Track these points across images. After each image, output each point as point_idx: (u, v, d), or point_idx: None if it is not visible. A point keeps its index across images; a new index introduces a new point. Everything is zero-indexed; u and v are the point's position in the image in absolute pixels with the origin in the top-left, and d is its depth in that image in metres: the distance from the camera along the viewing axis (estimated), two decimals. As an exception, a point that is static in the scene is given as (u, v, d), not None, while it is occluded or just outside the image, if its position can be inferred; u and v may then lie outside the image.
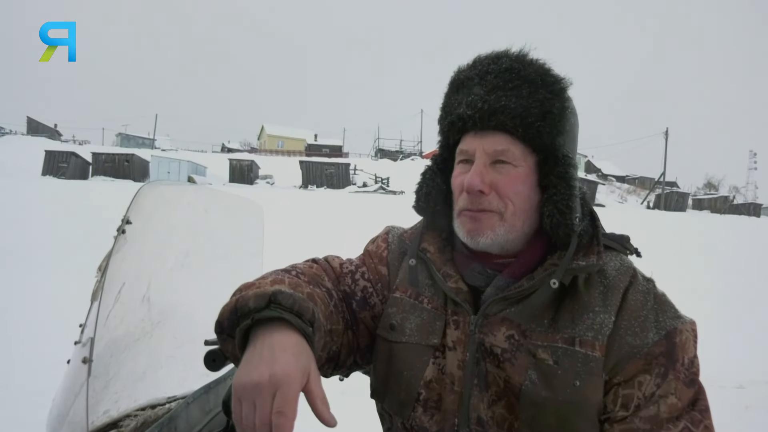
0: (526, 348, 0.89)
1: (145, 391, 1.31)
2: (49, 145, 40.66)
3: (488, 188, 0.91)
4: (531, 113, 0.89)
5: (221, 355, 0.83)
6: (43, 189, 15.93)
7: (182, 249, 1.21)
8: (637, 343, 0.85)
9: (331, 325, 0.94)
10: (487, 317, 0.93)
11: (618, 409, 0.84)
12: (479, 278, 0.97)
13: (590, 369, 0.85)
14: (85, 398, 0.83)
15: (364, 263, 1.10)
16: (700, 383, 0.86)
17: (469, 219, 0.94)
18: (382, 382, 1.02)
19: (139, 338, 1.22)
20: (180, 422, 1.10)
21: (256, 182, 36.51)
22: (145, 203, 0.97)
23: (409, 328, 1.00)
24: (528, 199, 0.93)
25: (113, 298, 1.03)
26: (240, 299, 0.79)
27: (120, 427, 1.17)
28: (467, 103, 0.92)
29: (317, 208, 16.18)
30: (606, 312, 0.88)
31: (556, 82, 0.93)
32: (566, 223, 0.90)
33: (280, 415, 0.65)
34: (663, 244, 12.88)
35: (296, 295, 0.80)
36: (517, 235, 0.94)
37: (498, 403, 0.91)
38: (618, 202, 41.21)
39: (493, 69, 0.93)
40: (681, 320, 0.88)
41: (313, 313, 0.80)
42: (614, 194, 45.04)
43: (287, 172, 39.91)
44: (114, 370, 1.19)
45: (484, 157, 0.92)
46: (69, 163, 34.07)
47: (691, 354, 0.86)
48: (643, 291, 0.90)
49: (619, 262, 0.94)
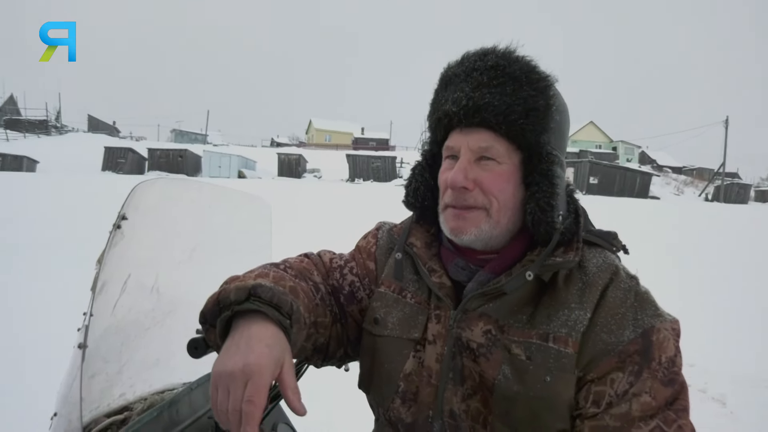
0: (502, 343, 0.90)
1: (160, 376, 1.38)
2: (108, 142, 42.62)
3: (472, 184, 0.92)
4: (514, 110, 0.89)
5: (203, 344, 0.88)
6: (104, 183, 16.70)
7: (188, 242, 1.27)
8: (612, 340, 0.85)
9: (315, 318, 0.97)
10: (466, 312, 0.95)
11: (589, 406, 0.84)
12: (462, 273, 0.98)
13: (562, 365, 0.85)
14: (79, 381, 0.89)
15: (353, 258, 1.14)
16: (682, 383, 0.84)
17: (452, 216, 0.95)
18: (367, 374, 1.05)
19: (150, 327, 1.28)
20: (182, 406, 1.16)
21: (303, 176, 37.09)
22: (141, 199, 1.03)
23: (391, 322, 1.02)
24: (512, 196, 0.94)
25: (119, 288, 1.09)
26: (222, 292, 0.84)
27: (132, 410, 1.24)
28: (453, 99, 0.93)
29: (361, 200, 16.31)
30: (582, 309, 0.87)
31: (541, 80, 0.93)
32: (547, 221, 0.90)
33: (249, 403, 0.69)
34: (721, 239, 12.36)
35: (276, 288, 0.84)
36: (501, 231, 0.95)
37: (473, 397, 0.92)
38: (674, 195, 39.65)
39: (479, 66, 0.93)
40: (660, 319, 0.86)
41: (291, 306, 0.83)
42: (670, 186, 43.33)
43: (334, 165, 40.39)
44: (127, 356, 1.26)
45: (468, 154, 0.93)
46: (126, 159, 35.60)
47: (670, 353, 0.84)
48: (624, 288, 0.89)
49: (602, 258, 0.93)
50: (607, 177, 33.76)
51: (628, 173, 35.15)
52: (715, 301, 7.09)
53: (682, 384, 0.84)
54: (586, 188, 32.96)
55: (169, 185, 1.16)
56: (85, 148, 40.30)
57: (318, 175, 37.74)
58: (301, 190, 20.95)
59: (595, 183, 33.30)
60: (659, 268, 9.22)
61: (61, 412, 0.99)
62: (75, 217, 10.70)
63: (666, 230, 13.80)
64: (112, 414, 1.21)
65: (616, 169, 35.51)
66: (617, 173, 34.60)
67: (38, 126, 54.30)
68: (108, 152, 36.18)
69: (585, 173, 33.81)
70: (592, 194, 31.16)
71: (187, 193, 1.26)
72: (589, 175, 33.59)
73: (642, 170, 38.32)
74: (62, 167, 32.62)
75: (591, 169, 33.89)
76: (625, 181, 34.01)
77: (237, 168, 36.19)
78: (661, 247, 11.31)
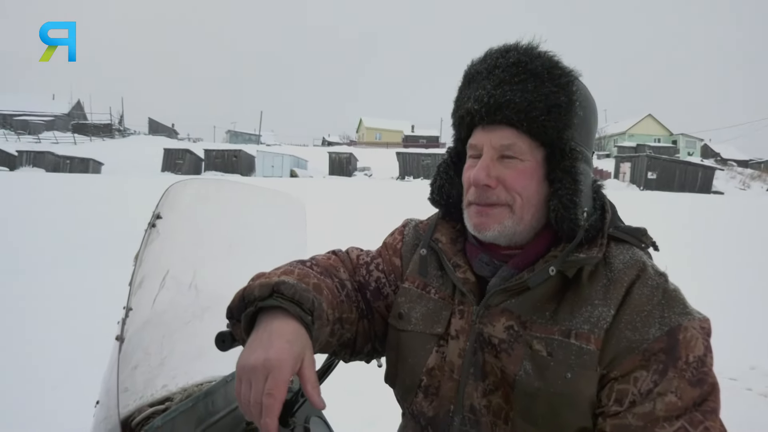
0: (524, 339, 0.90)
1: (201, 369, 1.44)
2: (167, 144, 44.30)
3: (495, 182, 0.92)
4: (536, 107, 0.89)
5: (230, 337, 0.92)
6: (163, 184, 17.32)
7: (224, 241, 1.32)
8: (636, 338, 0.83)
9: (340, 314, 0.99)
10: (488, 308, 0.95)
11: (612, 404, 0.82)
12: (486, 268, 0.98)
13: (583, 362, 0.84)
14: (116, 371, 0.94)
15: (380, 255, 1.16)
16: (713, 383, 0.81)
17: (476, 213, 0.96)
18: (392, 368, 1.07)
19: (191, 321, 1.34)
20: (218, 398, 1.20)
21: (354, 174, 37.40)
22: (176, 199, 1.08)
23: (414, 317, 1.03)
24: (536, 192, 0.93)
25: (158, 284, 1.15)
26: (247, 288, 0.88)
27: (173, 401, 1.31)
28: (475, 97, 0.93)
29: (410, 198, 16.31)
30: (605, 305, 0.86)
31: (563, 75, 0.92)
32: (570, 218, 0.89)
33: (269, 396, 0.73)
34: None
35: (299, 285, 0.87)
36: (525, 227, 0.95)
37: (495, 393, 0.92)
38: (739, 189, 37.69)
39: (501, 63, 0.93)
40: (688, 317, 0.84)
41: (313, 303, 0.86)
42: (735, 180, 41.21)
43: (385, 163, 40.53)
44: (168, 349, 1.32)
45: (491, 152, 0.93)
46: (184, 160, 36.97)
47: (699, 352, 0.81)
48: (652, 286, 0.87)
49: (629, 255, 0.91)
50: (666, 172, 32.59)
51: (689, 167, 33.88)
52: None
53: (712, 385, 0.81)
54: (644, 183, 31.91)
55: (202, 185, 1.21)
56: (145, 150, 42.08)
57: (368, 173, 38.01)
58: (351, 188, 21.18)
59: (654, 178, 32.20)
60: (716, 266, 8.83)
61: (103, 401, 1.05)
62: (135, 216, 11.19)
63: (727, 227, 13.18)
64: (156, 404, 1.28)
65: (675, 164, 34.26)
66: (677, 168, 33.38)
67: (103, 129, 57.17)
68: (167, 154, 37.71)
69: (643, 168, 32.75)
70: (651, 190, 30.13)
71: (221, 192, 1.31)
72: (647, 170, 32.51)
73: (704, 164, 36.75)
74: (125, 169, 34.21)
75: (649, 164, 32.80)
76: (685, 176, 32.77)
77: (289, 167, 36.91)
78: (721, 244, 10.82)
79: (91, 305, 5.22)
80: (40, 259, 7.84)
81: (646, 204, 17.42)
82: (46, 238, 9.40)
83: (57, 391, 3.57)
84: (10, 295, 5.96)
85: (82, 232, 9.90)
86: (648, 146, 50.48)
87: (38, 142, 49.07)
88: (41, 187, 17.67)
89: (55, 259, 7.99)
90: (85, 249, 8.53)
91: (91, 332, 3.46)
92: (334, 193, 18.36)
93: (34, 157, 37.39)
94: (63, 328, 4.82)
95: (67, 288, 6.28)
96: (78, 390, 2.13)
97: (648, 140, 58.56)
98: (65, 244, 8.95)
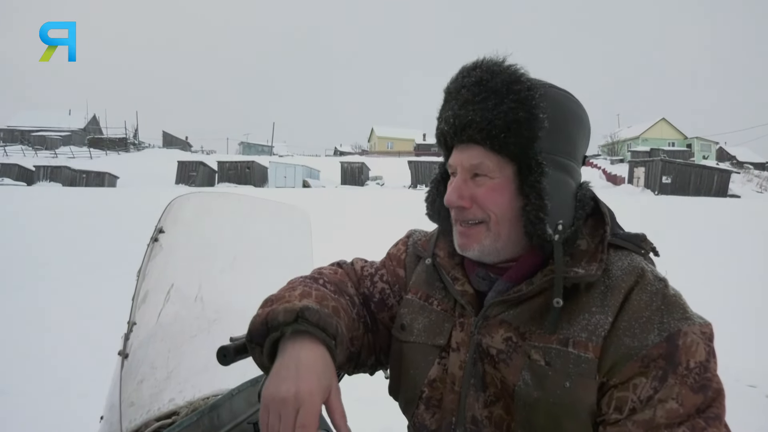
0: (523, 349, 0.89)
1: (208, 382, 1.43)
2: (181, 156, 44.79)
3: (468, 202, 0.94)
4: (495, 125, 0.88)
5: (232, 351, 0.91)
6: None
7: (229, 253, 1.32)
8: (635, 344, 0.82)
9: (352, 333, 1.00)
10: (486, 319, 0.95)
11: (612, 412, 0.81)
12: (483, 283, 0.99)
13: (582, 370, 0.83)
14: (119, 386, 0.94)
15: (384, 266, 1.16)
16: (717, 389, 0.79)
17: (458, 233, 0.98)
18: (396, 380, 1.07)
19: (197, 334, 1.34)
20: (223, 411, 1.20)
21: (366, 183, 37.47)
22: (179, 213, 1.08)
23: (417, 329, 1.03)
24: (510, 208, 0.93)
25: (162, 298, 1.15)
26: (271, 313, 0.87)
27: (179, 414, 1.30)
28: (445, 118, 0.95)
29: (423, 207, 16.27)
30: (603, 313, 0.85)
31: (523, 90, 0.90)
32: (537, 234, 0.89)
33: (303, 428, 0.74)
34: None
35: (322, 311, 0.88)
36: (504, 243, 0.94)
37: (496, 404, 0.92)
38: (756, 192, 37.16)
39: (467, 82, 0.93)
40: (688, 322, 0.82)
41: (337, 329, 0.87)
42: (751, 183, 40.63)
43: (397, 172, 40.56)
44: (175, 363, 1.32)
45: (463, 173, 0.95)
46: (198, 172, 37.32)
47: (701, 358, 0.79)
48: (651, 291, 0.85)
49: (627, 261, 0.90)
50: (681, 176, 32.23)
51: (705, 171, 33.45)
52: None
53: (717, 390, 0.79)
54: (659, 188, 31.59)
55: (205, 198, 1.21)
56: (160, 163, 42.56)
57: (380, 182, 38.05)
58: (362, 197, 21.22)
59: (668, 182, 31.86)
60: (735, 270, 8.69)
61: (107, 416, 1.05)
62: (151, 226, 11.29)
63: (745, 230, 13.00)
64: (162, 418, 1.27)
65: (690, 167, 33.85)
66: (692, 171, 32.97)
67: (118, 143, 57.93)
68: (181, 166, 38.10)
69: (657, 172, 32.42)
70: (666, 194, 29.84)
71: (225, 205, 1.31)
72: (661, 175, 32.17)
73: (720, 167, 36.28)
74: (140, 182, 34.61)
75: (663, 168, 32.45)
76: (701, 180, 32.37)
77: (302, 178, 37.09)
78: (740, 247, 10.67)
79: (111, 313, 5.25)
80: (61, 269, 7.99)
81: (660, 209, 17.25)
82: (65, 249, 9.55)
83: (86, 399, 3.58)
84: (34, 304, 6.08)
85: (101, 243, 10.04)
86: (662, 150, 50.02)
87: (55, 157, 49.88)
88: (59, 201, 17.93)
89: (76, 267, 8.14)
90: (104, 258, 8.65)
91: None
92: (345, 202, 18.41)
93: (51, 172, 38.02)
94: (90, 337, 4.85)
95: (89, 295, 6.36)
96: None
97: (662, 144, 58.11)
98: (84, 254, 9.10)
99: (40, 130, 62.48)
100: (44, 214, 14.33)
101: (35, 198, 19.43)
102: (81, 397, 3.59)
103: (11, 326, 5.27)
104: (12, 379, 4.01)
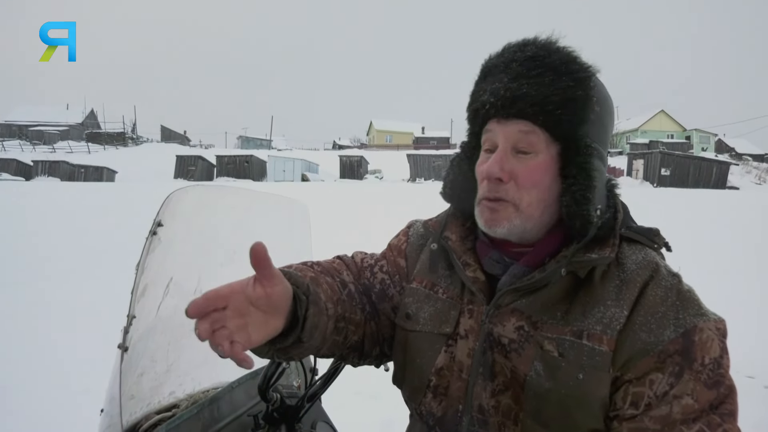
0: (535, 339, 0.89)
1: (208, 375, 1.44)
2: (179, 150, 44.70)
3: (507, 176, 0.91)
4: (551, 101, 0.87)
5: None
6: (174, 191, 17.49)
7: (228, 246, 1.32)
8: (651, 339, 0.82)
9: (343, 312, 0.99)
10: (498, 308, 0.94)
11: (627, 407, 0.81)
12: (497, 266, 0.97)
13: (595, 363, 0.83)
14: (119, 379, 0.95)
15: (384, 257, 1.15)
16: (730, 386, 0.79)
17: (487, 208, 0.94)
18: (400, 369, 1.06)
19: (197, 327, 1.34)
20: (223, 404, 1.20)
21: (365, 177, 37.44)
22: (177, 206, 1.08)
23: (423, 318, 1.02)
24: (548, 188, 0.92)
25: (161, 291, 1.15)
26: None
27: (179, 407, 1.31)
28: (491, 90, 0.92)
29: (422, 200, 16.30)
30: (618, 306, 0.85)
31: (581, 70, 0.90)
32: (582, 214, 0.88)
33: None
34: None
35: (294, 272, 0.88)
36: (535, 224, 0.93)
37: (505, 393, 0.91)
38: (755, 184, 37.18)
39: (519, 57, 0.92)
40: (704, 318, 0.82)
41: (308, 288, 0.87)
42: (750, 175, 40.62)
43: (396, 165, 40.54)
44: (175, 356, 1.32)
45: (505, 145, 0.92)
46: (197, 166, 37.29)
47: (715, 354, 0.80)
48: (666, 287, 0.85)
49: (641, 255, 0.90)
50: (680, 168, 32.23)
51: (704, 163, 33.43)
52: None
53: (729, 387, 0.79)
54: (658, 180, 31.61)
55: (203, 192, 1.21)
56: (158, 158, 42.48)
57: (379, 176, 38.02)
58: (361, 191, 21.19)
59: (667, 174, 31.87)
60: (733, 261, 8.71)
61: (107, 409, 1.06)
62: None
63: (745, 222, 13.01)
64: (163, 411, 1.28)
65: (689, 159, 33.84)
66: (691, 163, 32.96)
67: (116, 138, 57.81)
68: (179, 160, 38.05)
69: (656, 164, 32.43)
70: (664, 186, 29.83)
71: (223, 198, 1.31)
72: (660, 167, 32.19)
73: (718, 159, 36.27)
74: (138, 176, 34.54)
75: (662, 160, 32.47)
76: (700, 172, 32.36)
77: (300, 171, 37.00)
78: (740, 239, 10.68)
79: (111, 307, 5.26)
80: (61, 263, 8.01)
81: (659, 201, 17.24)
82: (65, 243, 9.57)
83: (89, 395, 3.59)
84: (35, 298, 6.10)
85: (101, 237, 10.04)
86: (661, 142, 50.01)
87: (53, 151, 49.81)
88: (57, 196, 17.91)
89: (76, 261, 8.17)
90: (103, 252, 8.66)
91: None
92: (344, 196, 18.39)
93: (49, 167, 37.97)
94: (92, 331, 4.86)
95: (89, 289, 6.36)
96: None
97: (661, 136, 58.01)
98: (84, 249, 9.11)
99: (37, 124, 62.25)
100: (43, 209, 14.32)
101: (34, 193, 19.41)
102: (84, 393, 3.61)
103: (13, 321, 5.28)
104: (12, 373, 4.02)
